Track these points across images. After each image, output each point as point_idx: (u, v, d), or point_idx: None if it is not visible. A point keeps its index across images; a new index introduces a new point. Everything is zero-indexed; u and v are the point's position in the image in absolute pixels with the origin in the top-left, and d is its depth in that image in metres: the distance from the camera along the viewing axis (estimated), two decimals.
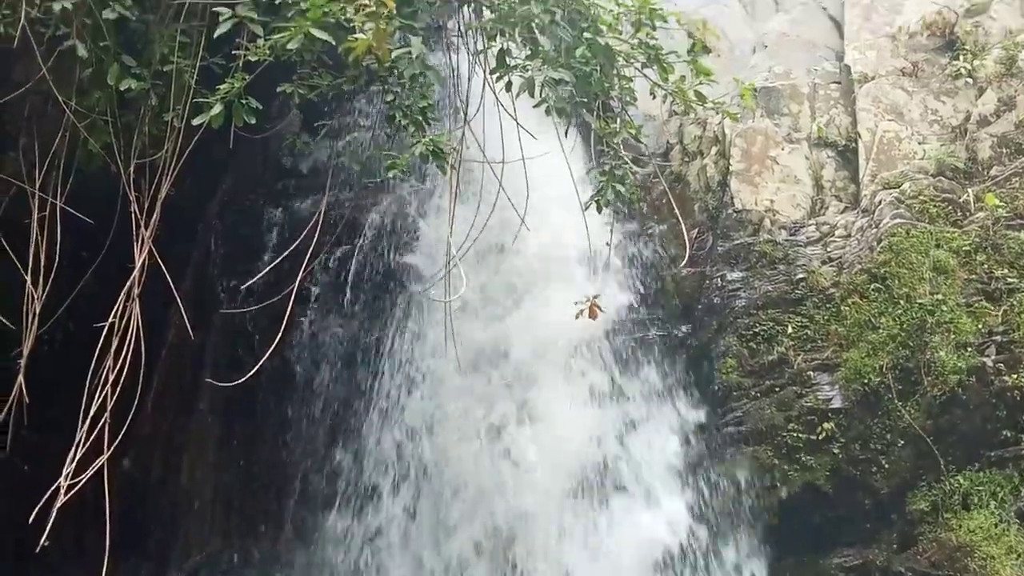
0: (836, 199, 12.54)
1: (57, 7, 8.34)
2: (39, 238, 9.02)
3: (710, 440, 11.19)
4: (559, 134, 8.44)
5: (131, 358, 8.54)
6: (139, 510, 11.89)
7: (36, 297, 8.90)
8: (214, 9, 8.51)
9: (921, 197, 11.62)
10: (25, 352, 8.93)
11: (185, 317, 9.95)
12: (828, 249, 11.86)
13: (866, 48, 13.63)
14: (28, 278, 8.93)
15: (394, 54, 7.60)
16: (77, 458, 7.82)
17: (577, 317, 8.04)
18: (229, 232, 12.90)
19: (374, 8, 7.16)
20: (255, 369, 8.66)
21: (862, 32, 13.96)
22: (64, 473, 7.69)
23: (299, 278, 9.40)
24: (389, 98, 7.98)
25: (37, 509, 7.73)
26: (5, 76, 9.62)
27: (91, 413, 8.12)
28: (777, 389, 11.04)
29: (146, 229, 8.78)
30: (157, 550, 11.98)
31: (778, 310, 11.49)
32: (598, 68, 8.14)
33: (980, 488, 9.92)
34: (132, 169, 9.03)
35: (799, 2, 15.20)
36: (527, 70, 7.84)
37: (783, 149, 12.79)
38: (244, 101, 8.09)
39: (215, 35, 8.41)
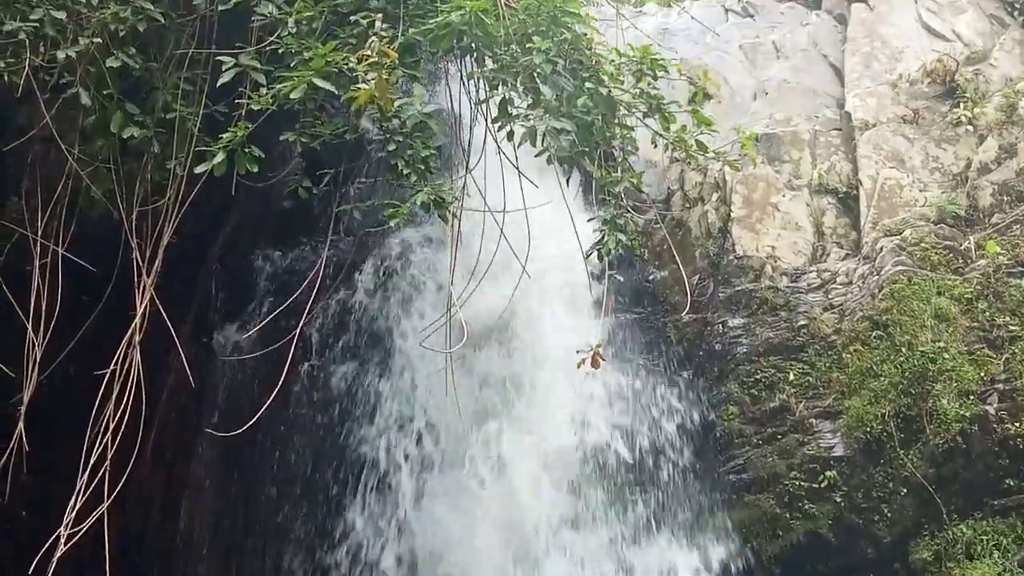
0: (837, 246, 12.54)
1: (61, 55, 8.41)
2: (40, 285, 9.00)
3: None
4: (560, 182, 8.44)
5: (131, 405, 8.50)
6: (137, 554, 11.82)
7: (37, 344, 8.88)
8: (217, 58, 8.56)
9: (922, 244, 11.63)
10: (26, 399, 8.89)
11: (185, 363, 9.92)
12: (829, 296, 11.84)
13: (867, 95, 13.69)
14: (29, 325, 8.91)
15: (396, 103, 7.62)
16: (77, 507, 7.77)
17: (579, 366, 8.01)
18: (230, 277, 12.91)
19: (376, 59, 7.19)
20: (254, 419, 8.61)
21: (863, 79, 14.03)
22: (64, 523, 7.66)
23: (300, 325, 9.39)
24: (391, 147, 7.98)
25: (38, 559, 7.69)
26: (8, 121, 9.65)
27: (91, 462, 8.07)
28: (779, 437, 10.97)
29: (147, 276, 8.77)
30: None
31: (780, 357, 11.46)
32: (600, 117, 8.16)
33: (983, 537, 9.83)
34: (134, 216, 9.04)
35: (800, 49, 15.28)
36: (529, 119, 7.85)
37: (784, 196, 12.82)
38: (247, 150, 8.10)
39: (218, 83, 8.46)
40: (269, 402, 8.76)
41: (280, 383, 9.12)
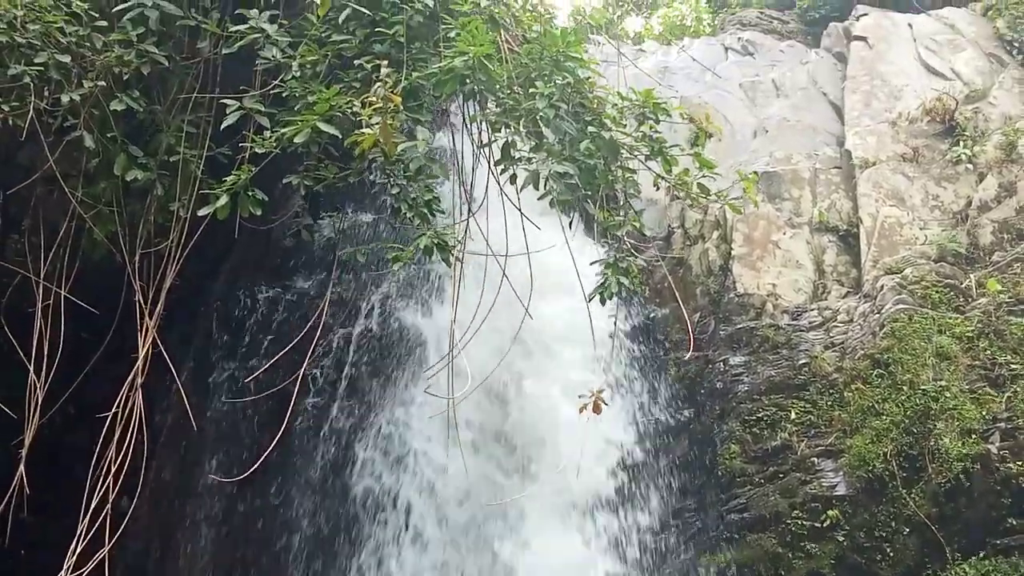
0: (838, 284, 12.56)
1: (66, 99, 8.43)
2: (43, 327, 8.98)
3: None
4: (562, 224, 8.44)
5: (133, 447, 8.48)
6: None
7: (39, 387, 8.85)
8: (221, 100, 8.58)
9: (923, 282, 11.66)
10: (27, 442, 8.84)
11: (186, 401, 9.87)
12: (831, 334, 11.85)
13: (867, 133, 13.76)
14: (31, 367, 8.88)
15: (400, 147, 7.63)
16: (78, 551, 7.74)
17: (581, 411, 7.99)
18: (230, 314, 12.88)
19: (381, 104, 7.21)
20: (257, 464, 8.58)
21: (862, 118, 14.10)
22: (65, 567, 7.63)
23: (303, 366, 9.37)
24: (395, 191, 8.00)
25: None
26: (11, 162, 9.64)
27: (93, 504, 8.04)
28: (781, 475, 10.93)
29: (150, 319, 8.76)
30: None
31: (781, 395, 11.44)
32: (602, 161, 8.17)
33: None
34: (137, 258, 9.03)
35: (799, 87, 15.35)
36: (531, 162, 7.86)
37: (785, 233, 12.87)
38: (250, 193, 8.09)
39: (222, 127, 8.48)
40: (272, 446, 8.69)
41: (283, 426, 9.05)
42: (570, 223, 8.46)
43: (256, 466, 8.71)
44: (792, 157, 13.85)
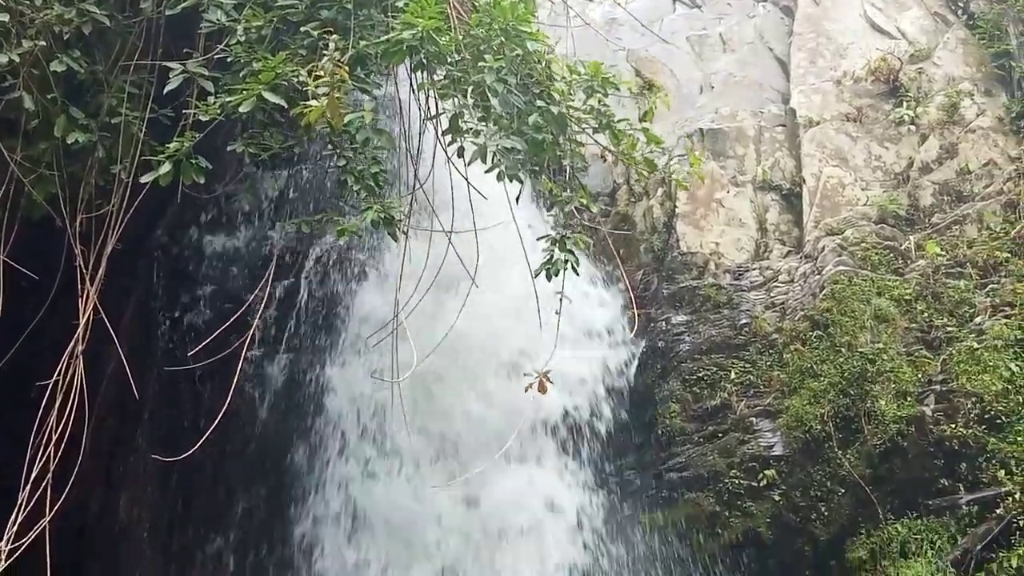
0: (780, 243, 12.64)
1: (4, 59, 8.20)
2: None
3: None
4: (509, 199, 8.38)
5: (74, 414, 8.36)
6: (76, 547, 11.68)
7: None
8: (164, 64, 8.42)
9: (864, 244, 11.78)
10: None
11: (124, 359, 9.71)
12: (771, 294, 11.94)
13: (811, 92, 13.77)
14: None
15: (347, 118, 7.53)
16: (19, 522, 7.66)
17: (527, 390, 8.00)
18: (171, 264, 12.73)
19: (328, 77, 7.11)
20: (201, 440, 8.51)
21: (808, 76, 14.10)
22: (5, 538, 7.56)
23: (256, 320, 9.30)
24: (341, 163, 7.90)
25: None
26: None
27: (33, 474, 7.95)
28: (720, 435, 11.09)
29: (91, 284, 8.61)
30: None
31: (722, 355, 11.56)
32: (550, 134, 8.12)
33: (918, 536, 9.97)
34: (79, 222, 8.84)
35: (746, 42, 15.28)
36: (479, 135, 7.78)
37: (728, 192, 12.91)
38: (193, 160, 7.96)
39: (165, 90, 8.32)
40: (216, 423, 8.62)
41: (233, 385, 8.96)
42: (517, 198, 8.41)
43: (201, 441, 8.61)
44: (737, 114, 13.85)
